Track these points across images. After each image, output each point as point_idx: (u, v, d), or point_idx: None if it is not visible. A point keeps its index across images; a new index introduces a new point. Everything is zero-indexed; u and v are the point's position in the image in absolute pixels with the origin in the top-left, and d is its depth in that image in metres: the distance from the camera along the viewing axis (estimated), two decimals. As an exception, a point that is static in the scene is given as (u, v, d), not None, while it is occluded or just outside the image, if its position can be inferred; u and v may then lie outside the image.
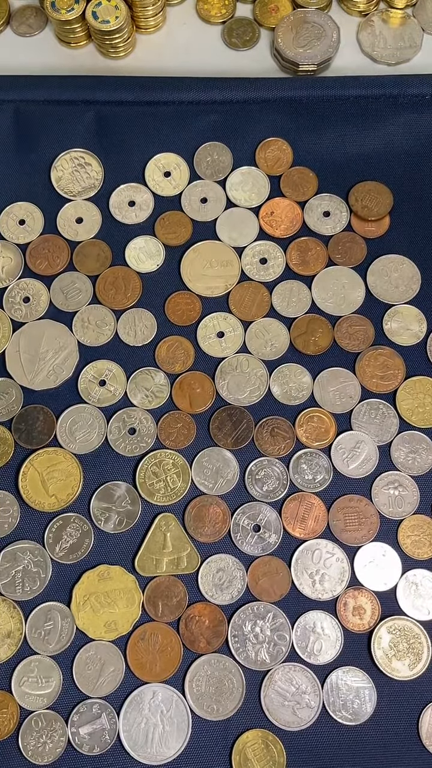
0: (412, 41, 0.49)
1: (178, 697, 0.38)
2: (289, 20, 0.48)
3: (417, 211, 0.45)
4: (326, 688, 0.37)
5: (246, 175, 0.46)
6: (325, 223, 0.45)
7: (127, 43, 0.49)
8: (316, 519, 0.40)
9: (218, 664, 0.38)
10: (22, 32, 0.50)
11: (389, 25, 0.49)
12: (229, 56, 0.49)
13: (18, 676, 0.38)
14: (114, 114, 0.47)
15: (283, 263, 0.44)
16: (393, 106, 0.46)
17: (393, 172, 0.45)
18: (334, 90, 0.46)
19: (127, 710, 0.37)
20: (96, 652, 0.38)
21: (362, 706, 0.37)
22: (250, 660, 0.38)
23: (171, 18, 0.50)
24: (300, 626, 0.38)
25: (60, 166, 0.46)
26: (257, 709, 0.37)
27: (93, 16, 0.47)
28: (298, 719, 0.37)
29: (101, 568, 0.39)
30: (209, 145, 0.46)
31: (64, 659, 0.38)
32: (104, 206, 0.46)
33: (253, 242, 0.45)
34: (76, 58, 0.50)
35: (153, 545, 0.40)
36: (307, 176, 0.46)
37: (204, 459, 0.41)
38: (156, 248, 0.45)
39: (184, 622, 0.38)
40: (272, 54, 0.49)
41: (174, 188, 0.46)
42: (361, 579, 0.39)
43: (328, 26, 0.48)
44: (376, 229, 0.45)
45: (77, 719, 0.37)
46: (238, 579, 0.39)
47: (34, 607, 0.39)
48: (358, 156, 0.46)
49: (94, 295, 0.44)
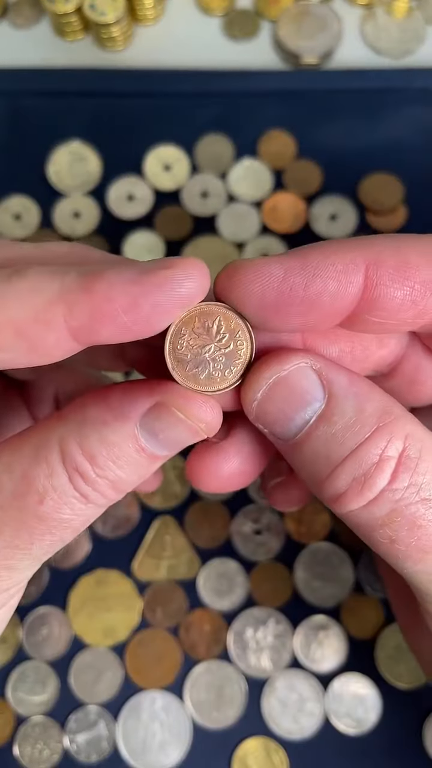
0: (416, 33, 0.48)
1: (177, 704, 0.37)
2: (290, 12, 0.48)
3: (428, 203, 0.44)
4: (329, 696, 0.37)
5: (248, 169, 0.45)
6: (334, 227, 0.44)
7: (125, 35, 0.48)
8: (321, 523, 0.39)
9: (218, 670, 0.37)
10: (18, 24, 0.49)
11: (393, 17, 0.48)
12: (230, 48, 0.49)
13: (13, 682, 0.37)
14: (112, 107, 0.46)
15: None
16: (398, 99, 0.45)
17: (400, 165, 0.45)
18: (338, 83, 0.46)
19: (126, 717, 0.37)
20: (93, 658, 0.37)
21: (366, 714, 0.36)
22: (251, 666, 0.37)
23: (170, 9, 0.49)
24: (302, 632, 0.38)
25: (57, 160, 0.45)
26: (258, 717, 0.37)
27: (90, 7, 0.46)
28: (300, 727, 0.36)
29: (98, 573, 0.39)
30: (210, 138, 0.45)
31: (61, 665, 0.38)
32: (102, 201, 0.45)
33: (254, 238, 0.44)
34: (73, 51, 0.49)
35: (152, 549, 0.39)
36: (311, 170, 0.45)
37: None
38: (155, 243, 0.44)
39: (184, 627, 0.38)
40: (274, 46, 0.48)
41: (174, 182, 0.45)
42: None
43: (330, 18, 0.47)
44: (389, 222, 0.44)
45: (74, 726, 0.37)
46: (239, 584, 0.38)
47: (29, 612, 0.38)
48: (364, 149, 0.45)
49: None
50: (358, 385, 0.21)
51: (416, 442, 0.21)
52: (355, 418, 0.21)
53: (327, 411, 0.21)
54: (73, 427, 0.21)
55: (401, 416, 0.21)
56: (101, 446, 0.21)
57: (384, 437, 0.20)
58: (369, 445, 0.21)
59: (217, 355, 0.22)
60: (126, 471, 0.21)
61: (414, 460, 0.20)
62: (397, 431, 0.21)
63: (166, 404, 0.21)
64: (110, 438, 0.21)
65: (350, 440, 0.21)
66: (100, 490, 0.21)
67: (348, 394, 0.21)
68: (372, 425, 0.21)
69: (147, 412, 0.21)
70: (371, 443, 0.21)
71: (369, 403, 0.21)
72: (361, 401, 0.21)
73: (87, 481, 0.21)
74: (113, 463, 0.21)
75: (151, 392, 0.21)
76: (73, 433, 0.21)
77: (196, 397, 0.22)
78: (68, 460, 0.21)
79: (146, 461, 0.22)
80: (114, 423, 0.21)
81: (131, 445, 0.21)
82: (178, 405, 0.21)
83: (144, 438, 0.21)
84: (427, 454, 0.21)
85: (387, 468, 0.20)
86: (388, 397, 0.21)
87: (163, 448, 0.22)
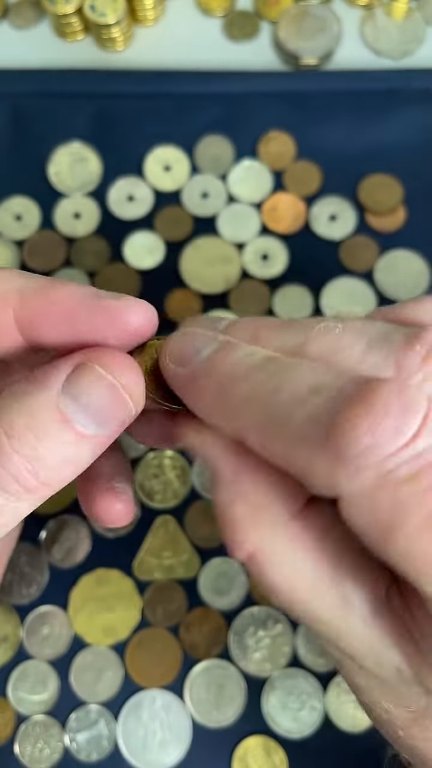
0: (416, 34, 0.48)
1: (177, 703, 0.37)
2: (290, 13, 0.48)
3: (428, 204, 0.44)
4: (329, 695, 0.37)
5: (248, 170, 0.45)
6: (334, 228, 0.44)
7: (125, 36, 0.48)
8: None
9: (218, 669, 0.37)
10: (18, 25, 0.49)
11: (393, 18, 0.48)
12: (230, 49, 0.49)
13: (14, 681, 0.37)
14: (113, 107, 0.46)
15: (285, 260, 0.43)
16: (397, 99, 0.45)
17: (399, 166, 0.45)
18: (338, 83, 0.46)
19: (126, 716, 0.37)
20: (94, 658, 0.37)
21: (366, 714, 0.36)
22: (251, 665, 0.37)
23: (170, 10, 0.49)
24: (302, 631, 0.38)
25: (57, 161, 0.45)
26: (258, 716, 0.37)
27: (91, 8, 0.46)
28: (300, 726, 0.36)
29: (99, 572, 0.39)
30: (210, 139, 0.45)
31: (62, 664, 0.38)
32: (102, 201, 0.45)
33: (254, 238, 0.44)
34: (73, 52, 0.49)
35: (152, 549, 0.39)
36: (311, 171, 0.45)
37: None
38: (155, 244, 0.44)
39: (184, 627, 0.38)
40: (273, 47, 0.48)
41: (174, 183, 0.45)
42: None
43: (330, 19, 0.47)
44: (389, 223, 0.44)
45: (75, 725, 0.37)
46: (239, 584, 0.38)
47: (30, 611, 0.38)
48: (363, 150, 0.45)
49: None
50: (239, 481, 0.20)
51: (264, 554, 0.20)
52: (223, 509, 0.21)
53: (212, 483, 0.21)
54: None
55: (265, 527, 0.20)
56: (19, 416, 0.19)
57: (237, 536, 0.20)
58: (225, 532, 0.21)
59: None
60: (47, 447, 0.19)
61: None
62: (250, 539, 0.20)
63: (86, 362, 0.20)
64: (30, 406, 0.19)
65: (220, 517, 0.21)
66: (14, 471, 0.19)
67: (224, 483, 0.21)
68: (231, 522, 0.21)
69: (69, 375, 0.20)
70: (225, 532, 0.21)
71: (239, 504, 0.20)
72: (233, 497, 0.20)
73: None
74: (32, 436, 0.19)
75: (75, 356, 0.20)
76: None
77: (118, 353, 0.21)
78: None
79: (71, 437, 0.19)
80: (35, 390, 0.19)
81: (52, 413, 0.19)
82: (98, 360, 0.20)
83: (66, 406, 0.19)
84: None
85: (236, 555, 0.20)
86: (274, 502, 0.20)
87: (89, 419, 0.20)
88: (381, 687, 0.20)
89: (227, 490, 0.20)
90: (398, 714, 0.20)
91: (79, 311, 0.20)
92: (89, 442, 0.20)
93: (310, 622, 0.20)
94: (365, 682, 0.20)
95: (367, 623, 0.19)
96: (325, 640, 0.20)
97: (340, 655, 0.20)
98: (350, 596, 0.19)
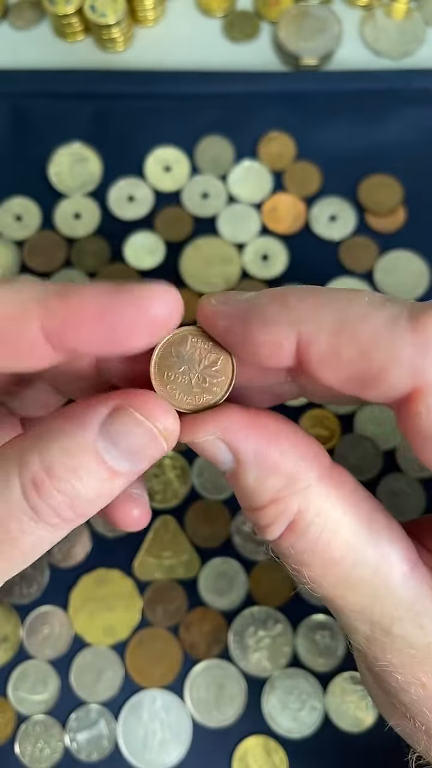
0: (416, 35, 0.48)
1: (177, 703, 0.37)
2: (290, 13, 0.48)
3: (428, 204, 0.44)
4: (329, 695, 0.37)
5: (248, 170, 0.45)
6: (334, 228, 0.44)
7: (125, 37, 0.48)
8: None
9: (218, 669, 0.37)
10: (18, 26, 0.49)
11: (392, 18, 0.48)
12: (230, 50, 0.49)
13: (14, 681, 0.37)
14: (113, 108, 0.46)
15: (285, 260, 0.43)
16: (397, 100, 0.45)
17: (399, 166, 0.45)
18: (338, 84, 0.46)
19: (126, 716, 0.37)
20: (94, 657, 0.38)
21: (366, 714, 0.37)
22: (251, 666, 0.37)
23: (171, 11, 0.49)
24: (302, 631, 0.38)
25: (58, 161, 0.45)
26: (258, 716, 0.37)
27: (91, 9, 0.46)
28: (300, 726, 0.37)
29: (99, 572, 0.39)
30: (210, 139, 0.45)
31: (62, 664, 0.38)
32: (103, 201, 0.45)
33: (254, 239, 0.44)
34: (74, 52, 0.49)
35: (152, 549, 0.39)
36: (310, 171, 0.45)
37: (205, 460, 0.40)
38: (155, 244, 0.44)
39: (184, 627, 0.38)
40: (274, 47, 0.48)
41: (174, 183, 0.45)
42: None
43: (330, 19, 0.47)
44: (389, 223, 0.44)
45: (75, 725, 0.37)
46: (239, 584, 0.38)
47: (30, 611, 0.38)
48: (363, 150, 0.45)
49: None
50: (264, 456, 0.22)
51: (306, 518, 0.22)
52: (256, 487, 0.22)
53: (236, 473, 0.22)
54: (34, 440, 0.21)
55: (300, 491, 0.22)
56: (60, 456, 0.20)
57: (277, 508, 0.22)
58: (264, 513, 0.22)
59: (196, 379, 0.23)
60: (85, 485, 0.20)
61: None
62: (290, 507, 0.22)
63: (123, 406, 0.21)
64: (69, 447, 0.20)
65: (254, 502, 0.22)
66: (54, 505, 0.20)
67: (251, 465, 0.22)
68: (268, 499, 0.22)
69: (106, 418, 0.21)
70: (264, 512, 0.22)
71: (271, 478, 0.22)
72: (263, 474, 0.22)
73: (41, 494, 0.20)
74: (71, 475, 0.20)
75: (111, 397, 0.21)
76: (34, 445, 0.20)
77: (154, 397, 0.21)
78: (24, 470, 0.20)
79: (106, 475, 0.21)
80: (73, 431, 0.20)
81: (91, 455, 0.20)
82: (135, 405, 0.21)
83: (104, 448, 0.21)
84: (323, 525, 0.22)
85: (276, 531, 0.22)
86: (302, 466, 0.22)
87: (123, 459, 0.21)
88: (417, 657, 0.21)
89: (256, 469, 0.22)
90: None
91: (106, 309, 0.20)
92: (123, 477, 0.21)
93: (344, 591, 0.21)
94: (398, 658, 0.21)
95: (407, 580, 0.21)
96: (356, 615, 0.22)
97: (370, 631, 0.21)
98: (389, 555, 0.21)
